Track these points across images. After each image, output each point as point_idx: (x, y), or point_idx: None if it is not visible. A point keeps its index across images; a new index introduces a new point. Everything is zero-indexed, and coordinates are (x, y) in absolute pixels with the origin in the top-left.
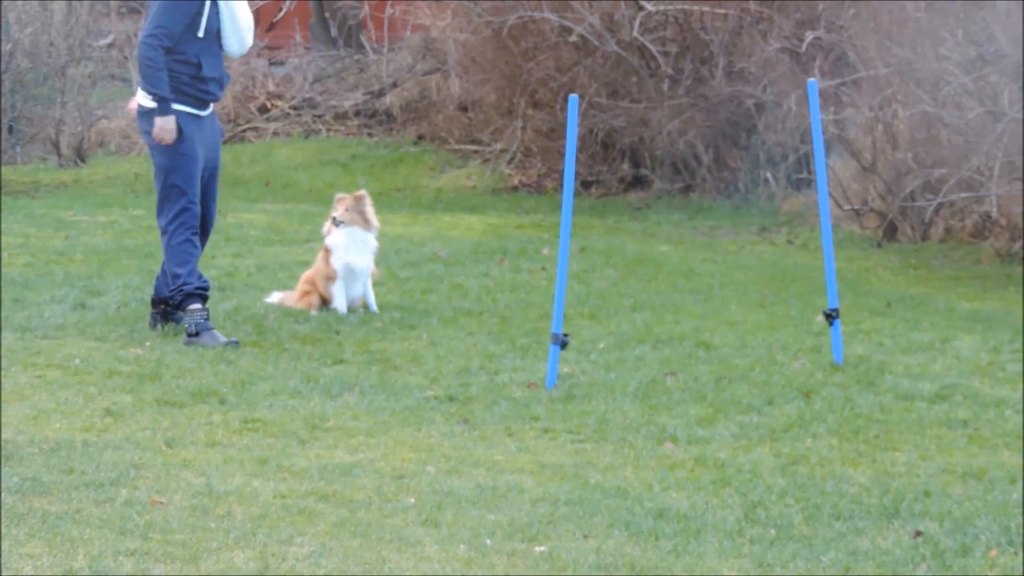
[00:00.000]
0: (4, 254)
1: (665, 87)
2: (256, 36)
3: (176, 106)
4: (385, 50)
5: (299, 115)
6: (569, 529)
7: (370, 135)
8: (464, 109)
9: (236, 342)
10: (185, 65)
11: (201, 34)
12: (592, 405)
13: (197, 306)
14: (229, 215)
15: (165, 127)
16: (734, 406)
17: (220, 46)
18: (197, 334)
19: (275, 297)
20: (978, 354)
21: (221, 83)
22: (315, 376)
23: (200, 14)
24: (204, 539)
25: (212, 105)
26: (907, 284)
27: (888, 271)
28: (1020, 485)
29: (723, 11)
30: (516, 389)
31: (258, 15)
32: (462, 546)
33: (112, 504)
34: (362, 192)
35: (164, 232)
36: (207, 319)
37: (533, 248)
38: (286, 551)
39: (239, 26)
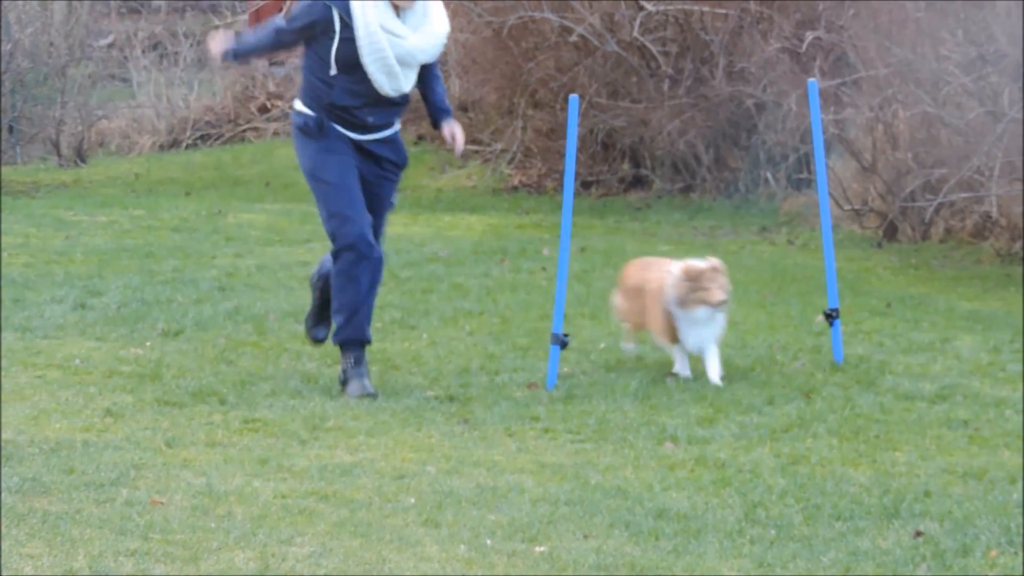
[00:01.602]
0: (4, 254)
1: (665, 87)
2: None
3: (310, 110)
4: None
5: None
6: (569, 529)
7: None
8: (464, 109)
9: (374, 394)
10: (322, 84)
11: (333, 69)
12: (592, 405)
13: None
14: (229, 215)
15: (213, 39)
16: (734, 406)
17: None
18: (345, 381)
19: (630, 348)
20: (978, 354)
21: (378, 106)
22: (315, 376)
23: (326, 34)
24: (204, 539)
25: (383, 131)
26: (907, 284)
27: (888, 271)
28: (1020, 485)
29: (723, 11)
30: (516, 389)
31: (258, 15)
32: (462, 546)
33: (112, 504)
34: (718, 261)
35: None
36: (358, 363)
37: (533, 248)
38: (286, 551)
39: (384, 62)
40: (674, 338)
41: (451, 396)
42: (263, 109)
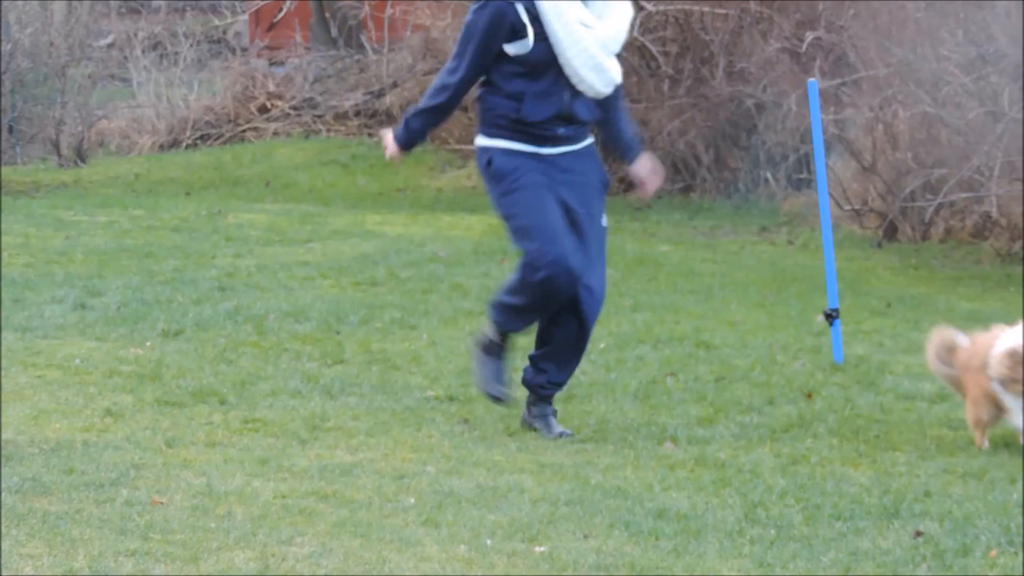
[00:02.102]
0: (4, 254)
1: (665, 87)
2: (257, 36)
3: (498, 142)
4: (385, 50)
5: (299, 115)
6: (569, 529)
7: (370, 135)
8: (464, 109)
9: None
10: (508, 100)
11: (523, 78)
12: (592, 405)
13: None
14: (229, 215)
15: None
16: (734, 406)
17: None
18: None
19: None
20: None
21: (567, 117)
22: (315, 376)
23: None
24: (204, 539)
25: (574, 144)
26: (907, 284)
27: (888, 271)
28: (1020, 485)
29: (723, 11)
30: (516, 389)
31: (258, 15)
32: (462, 546)
33: (112, 504)
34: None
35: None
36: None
37: None
38: (286, 551)
39: (586, 54)
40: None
41: (451, 396)
42: (263, 109)
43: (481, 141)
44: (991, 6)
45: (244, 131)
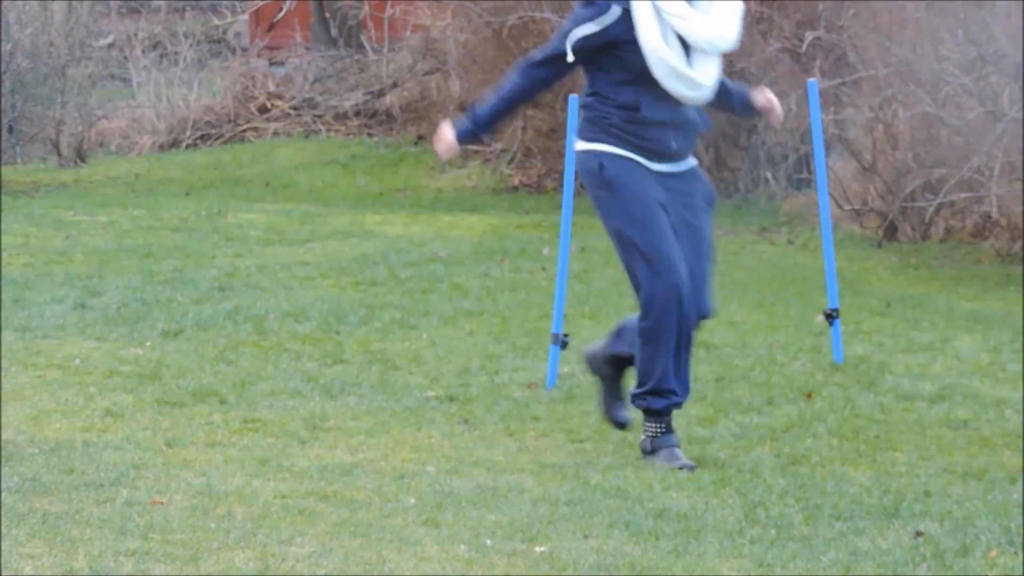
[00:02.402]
0: (4, 254)
1: None
2: (257, 36)
3: (608, 147)
4: (385, 50)
5: (299, 115)
6: (569, 529)
7: (370, 135)
8: (464, 109)
9: (693, 466)
10: (619, 108)
11: (633, 86)
12: (592, 405)
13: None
14: (229, 215)
15: (438, 137)
16: (734, 406)
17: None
18: (654, 451)
19: None
20: (978, 354)
21: (681, 127)
22: (315, 376)
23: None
24: (204, 539)
25: (682, 161)
26: (907, 284)
27: (888, 271)
28: (1020, 485)
29: None
30: (516, 389)
31: (258, 15)
32: (462, 546)
33: (112, 504)
34: None
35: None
36: (667, 431)
37: (533, 248)
38: (286, 551)
39: (668, 64)
40: None
41: (451, 396)
42: (263, 109)
43: (587, 145)
44: (991, 6)
45: (244, 131)
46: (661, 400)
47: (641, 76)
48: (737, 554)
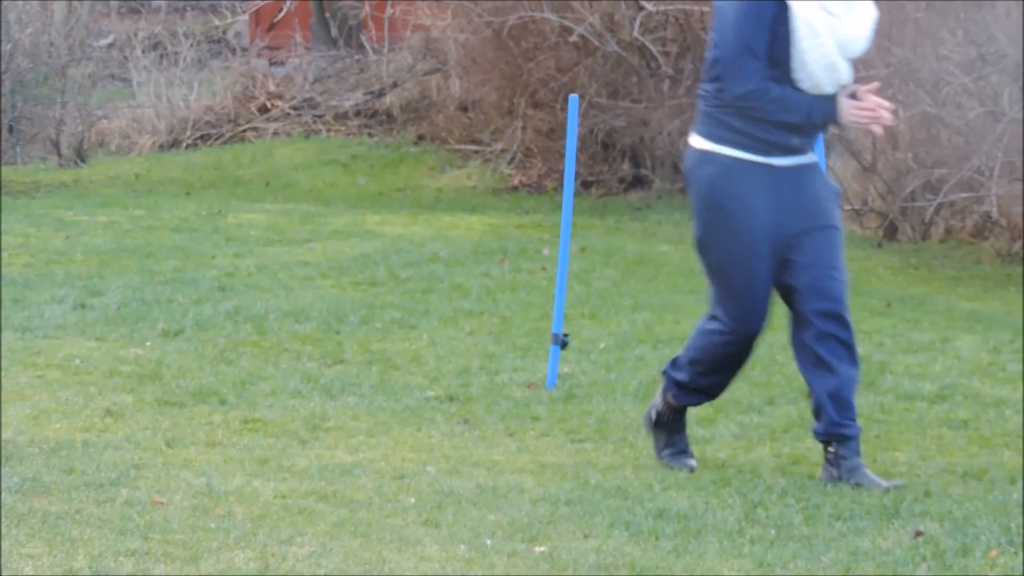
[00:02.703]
0: (4, 254)
1: (665, 87)
2: (257, 36)
3: (723, 148)
4: (385, 50)
5: (299, 115)
6: (569, 529)
7: (370, 135)
8: (464, 109)
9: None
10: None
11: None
12: (592, 405)
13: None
14: (229, 215)
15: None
16: (734, 406)
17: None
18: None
19: None
20: (978, 354)
21: (799, 128)
22: (315, 376)
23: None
24: (204, 539)
25: (804, 155)
26: (907, 284)
27: (888, 271)
28: (1020, 485)
29: None
30: (516, 389)
31: (258, 15)
32: (462, 546)
33: (112, 504)
34: None
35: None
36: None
37: (533, 248)
38: (286, 551)
39: (822, 50)
40: None
41: (451, 396)
42: (263, 109)
43: (702, 143)
44: (991, 6)
45: (244, 131)
46: (685, 396)
47: (776, 67)
48: (737, 554)
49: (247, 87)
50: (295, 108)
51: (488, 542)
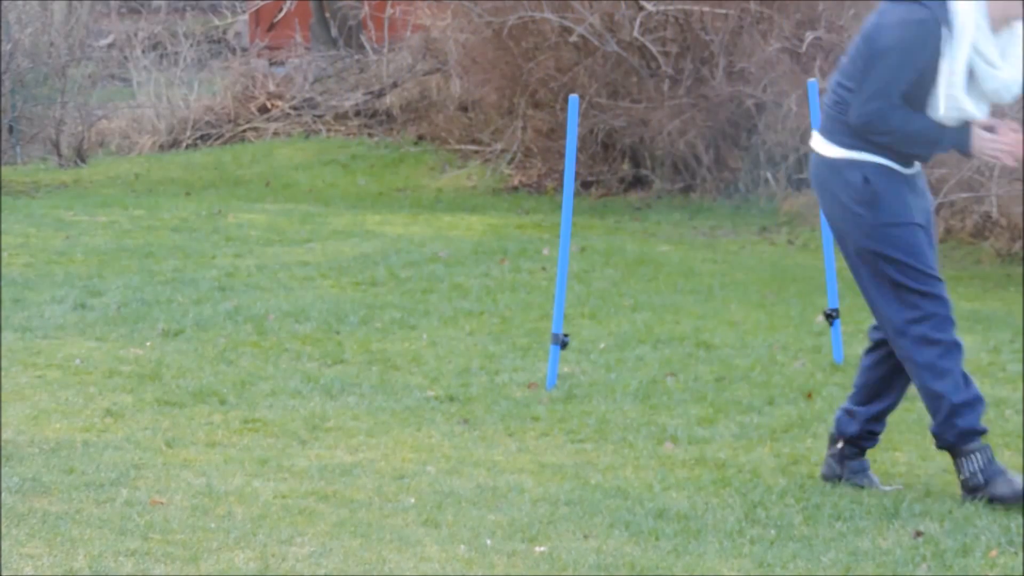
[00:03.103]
0: (4, 254)
1: (665, 87)
2: (257, 36)
3: (871, 157)
4: (385, 50)
5: (299, 115)
6: (569, 529)
7: (370, 135)
8: (464, 109)
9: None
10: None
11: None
12: (592, 405)
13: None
14: (229, 215)
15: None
16: (734, 406)
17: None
18: (984, 484)
19: None
20: (978, 354)
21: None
22: (315, 376)
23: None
24: (204, 539)
25: (918, 164)
26: None
27: None
28: None
29: (723, 11)
30: (516, 389)
31: (258, 15)
32: (462, 546)
33: (112, 504)
34: None
35: (901, 335)
36: (991, 461)
37: (533, 248)
38: (286, 551)
39: (958, 104)
40: None
41: (451, 396)
42: (263, 109)
43: (849, 154)
44: None
45: (244, 131)
46: (973, 414)
47: (916, 93)
48: (737, 554)
49: (247, 87)
50: (295, 108)
51: (488, 542)
